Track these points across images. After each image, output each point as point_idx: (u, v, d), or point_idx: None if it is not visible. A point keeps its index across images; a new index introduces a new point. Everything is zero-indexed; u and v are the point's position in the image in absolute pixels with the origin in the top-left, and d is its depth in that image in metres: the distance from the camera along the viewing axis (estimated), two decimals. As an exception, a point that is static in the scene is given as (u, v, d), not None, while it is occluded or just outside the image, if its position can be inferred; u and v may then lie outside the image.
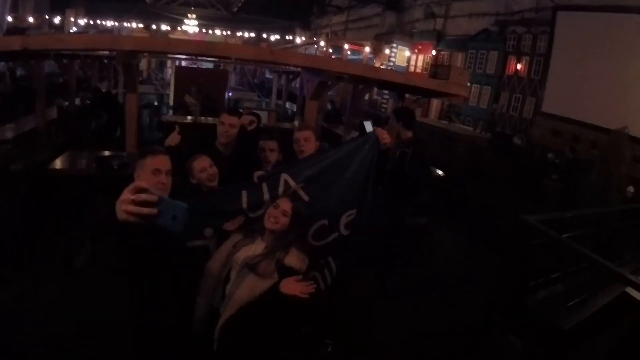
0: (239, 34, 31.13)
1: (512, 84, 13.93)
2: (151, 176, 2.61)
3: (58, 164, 6.67)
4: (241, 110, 4.53)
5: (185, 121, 10.49)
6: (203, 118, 10.82)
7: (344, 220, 3.42)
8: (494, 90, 14.50)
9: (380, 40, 19.87)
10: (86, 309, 4.29)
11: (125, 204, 1.62)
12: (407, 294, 5.61)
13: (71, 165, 6.77)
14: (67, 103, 11.06)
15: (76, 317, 4.23)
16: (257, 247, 2.97)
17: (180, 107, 12.53)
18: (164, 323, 2.80)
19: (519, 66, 13.78)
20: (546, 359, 3.79)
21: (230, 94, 16.23)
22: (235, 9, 29.17)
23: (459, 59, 16.05)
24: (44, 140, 8.98)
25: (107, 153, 7.07)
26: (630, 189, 9.59)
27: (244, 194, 3.16)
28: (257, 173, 3.31)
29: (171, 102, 14.50)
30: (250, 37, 30.84)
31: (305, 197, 3.31)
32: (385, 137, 3.41)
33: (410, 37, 18.87)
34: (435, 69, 6.50)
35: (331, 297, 3.55)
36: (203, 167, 3.33)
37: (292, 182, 3.27)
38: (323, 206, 3.35)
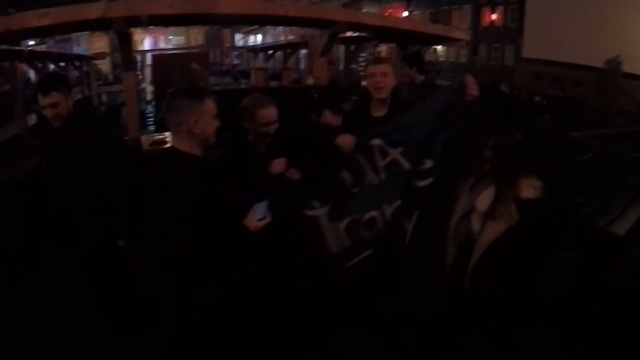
0: None
1: (489, 35, 14.05)
2: (212, 121, 2.34)
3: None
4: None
5: None
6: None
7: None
8: (472, 44, 14.57)
9: (349, 8, 19.76)
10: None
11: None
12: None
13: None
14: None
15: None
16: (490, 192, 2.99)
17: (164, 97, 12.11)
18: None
19: (493, 16, 13.89)
20: (606, 267, 3.85)
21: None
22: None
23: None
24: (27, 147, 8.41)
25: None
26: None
27: (345, 173, 3.04)
28: (345, 140, 3.13)
29: (149, 97, 13.82)
30: (209, 28, 30.23)
31: (407, 164, 3.13)
32: (472, 87, 2.89)
33: (379, 2, 18.84)
34: (435, 15, 6.48)
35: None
36: (270, 119, 3.00)
37: (389, 150, 3.10)
38: (420, 164, 3.19)
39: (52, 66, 13.60)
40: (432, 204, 3.15)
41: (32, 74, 14.32)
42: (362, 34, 7.70)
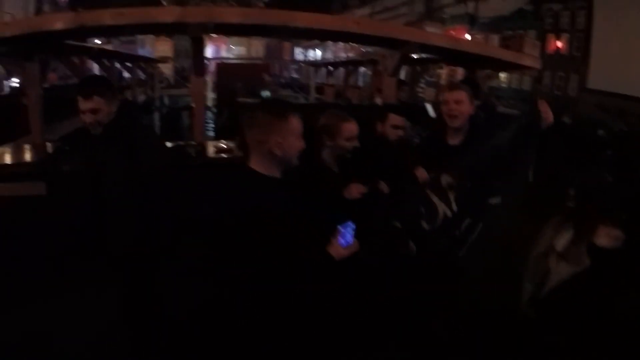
0: (259, 34, 30.96)
1: (554, 63, 13.76)
2: (297, 142, 2.13)
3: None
4: None
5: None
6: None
7: None
8: (536, 71, 14.32)
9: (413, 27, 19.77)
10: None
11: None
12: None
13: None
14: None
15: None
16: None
17: (226, 105, 12.32)
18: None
19: (559, 44, 13.63)
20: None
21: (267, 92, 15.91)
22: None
23: (495, 41, 15.88)
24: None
25: (179, 142, 6.41)
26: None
27: (422, 209, 3.00)
28: (421, 173, 3.11)
29: (209, 103, 14.02)
30: (270, 40, 30.76)
31: (477, 191, 3.08)
32: (549, 114, 2.87)
33: (442, 24, 18.78)
34: (507, 41, 6.41)
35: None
36: (354, 134, 3.03)
37: (453, 182, 3.04)
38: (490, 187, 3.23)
39: (118, 65, 14.16)
40: (497, 223, 3.19)
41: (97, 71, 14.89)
42: (428, 55, 7.71)
